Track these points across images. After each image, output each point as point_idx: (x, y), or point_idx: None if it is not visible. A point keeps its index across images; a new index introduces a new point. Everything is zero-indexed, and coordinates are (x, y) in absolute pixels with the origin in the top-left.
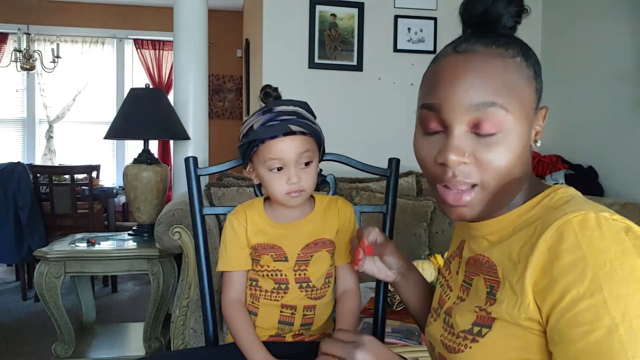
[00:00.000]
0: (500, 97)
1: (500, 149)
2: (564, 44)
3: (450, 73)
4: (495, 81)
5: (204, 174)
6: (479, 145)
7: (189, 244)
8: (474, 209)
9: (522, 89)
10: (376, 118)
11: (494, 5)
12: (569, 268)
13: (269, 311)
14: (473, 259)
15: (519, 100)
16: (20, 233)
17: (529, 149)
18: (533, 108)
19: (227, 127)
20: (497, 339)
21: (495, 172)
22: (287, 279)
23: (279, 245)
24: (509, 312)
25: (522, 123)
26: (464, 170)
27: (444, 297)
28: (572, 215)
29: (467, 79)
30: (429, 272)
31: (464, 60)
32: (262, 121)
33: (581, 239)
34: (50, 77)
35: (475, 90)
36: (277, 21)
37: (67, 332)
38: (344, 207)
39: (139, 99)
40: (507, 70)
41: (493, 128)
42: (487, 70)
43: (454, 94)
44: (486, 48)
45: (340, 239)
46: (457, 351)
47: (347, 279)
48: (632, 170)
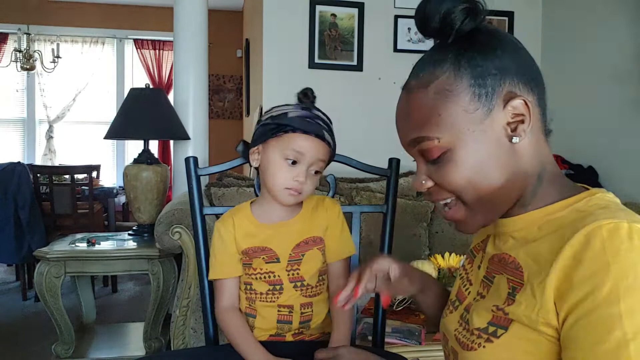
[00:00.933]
0: (425, 129)
1: (452, 167)
2: (564, 44)
3: (396, 113)
4: (417, 117)
5: (204, 174)
6: (434, 170)
7: (189, 244)
8: (472, 222)
9: (451, 109)
10: (376, 118)
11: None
12: (590, 275)
13: (266, 312)
14: (497, 257)
15: (449, 124)
16: (20, 233)
17: (504, 149)
18: (480, 115)
19: (227, 127)
20: (512, 342)
21: (459, 186)
22: (280, 280)
23: (270, 246)
24: (527, 315)
25: (465, 138)
26: (435, 193)
27: (463, 290)
28: (604, 222)
29: (398, 122)
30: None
31: (402, 98)
32: (300, 114)
33: (608, 247)
34: (50, 77)
35: (405, 129)
36: (277, 21)
37: (67, 332)
38: (332, 205)
39: (139, 99)
40: (429, 100)
41: (431, 156)
42: (413, 106)
43: (398, 133)
44: (416, 80)
45: (329, 236)
46: (470, 348)
47: (339, 277)
48: (632, 170)
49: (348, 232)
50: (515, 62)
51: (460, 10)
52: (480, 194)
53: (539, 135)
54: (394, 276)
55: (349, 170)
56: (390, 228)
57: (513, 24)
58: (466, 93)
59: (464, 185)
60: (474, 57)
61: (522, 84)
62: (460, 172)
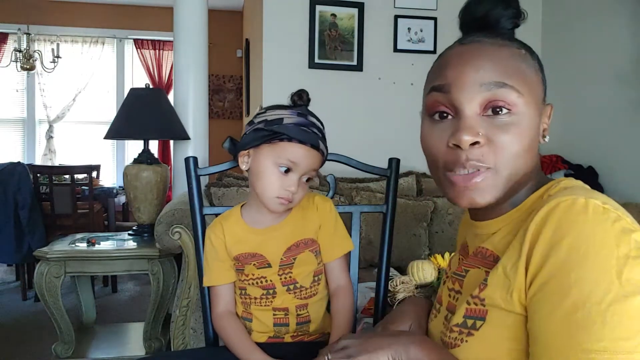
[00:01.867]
0: (512, 79)
1: (513, 131)
2: (564, 44)
3: (459, 58)
4: (505, 64)
5: (204, 174)
6: (492, 126)
7: (189, 244)
8: (486, 193)
9: (531, 76)
10: (376, 118)
11: (493, 9)
12: (547, 249)
13: (262, 316)
14: (474, 252)
15: (529, 86)
16: (20, 233)
17: (537, 143)
18: (542, 98)
19: (227, 127)
20: (492, 331)
21: (509, 155)
22: (273, 284)
23: (260, 252)
24: (503, 297)
25: (533, 110)
26: (478, 152)
27: (441, 293)
28: (562, 199)
29: (477, 61)
30: (429, 272)
31: (471, 47)
32: (296, 121)
33: (563, 221)
34: (50, 77)
35: (485, 70)
36: (277, 21)
37: (67, 332)
38: (322, 202)
39: (139, 99)
40: (514, 57)
41: (506, 105)
42: (495, 54)
43: (464, 74)
44: (492, 39)
45: (323, 234)
46: (453, 346)
47: (338, 276)
48: (632, 170)
49: (343, 228)
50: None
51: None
52: (516, 169)
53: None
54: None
55: (349, 170)
56: (390, 228)
57: None
58: (537, 72)
59: (517, 156)
60: (533, 52)
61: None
62: (521, 140)
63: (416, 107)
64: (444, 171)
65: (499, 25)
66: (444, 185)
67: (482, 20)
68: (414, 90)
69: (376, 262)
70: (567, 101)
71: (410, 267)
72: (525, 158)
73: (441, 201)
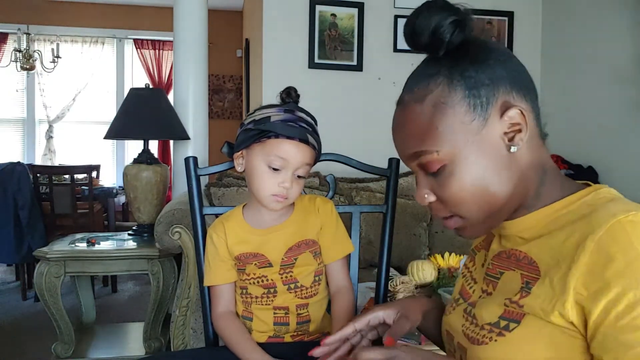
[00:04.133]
0: (424, 144)
1: (452, 180)
2: (564, 44)
3: (393, 127)
4: (414, 131)
5: (204, 174)
6: (435, 184)
7: (189, 244)
8: (472, 231)
9: (448, 124)
10: (376, 118)
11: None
12: (624, 270)
13: (263, 315)
14: (506, 253)
15: (448, 136)
16: (20, 233)
17: (503, 158)
18: (476, 126)
19: (227, 127)
20: (525, 335)
21: (462, 202)
22: (274, 283)
23: (262, 252)
24: (543, 307)
25: (464, 150)
26: (435, 207)
27: (467, 289)
28: (622, 215)
29: (396, 136)
30: (429, 272)
31: (398, 113)
32: (283, 118)
33: (634, 240)
34: (50, 77)
35: (404, 143)
36: (277, 21)
37: (67, 332)
38: (323, 204)
39: (139, 99)
40: (425, 114)
41: (431, 169)
42: (409, 120)
43: (396, 147)
44: (410, 95)
45: (324, 235)
46: (480, 343)
47: (338, 277)
48: (632, 170)
49: (344, 230)
50: (508, 71)
51: (449, 23)
52: (482, 206)
53: (536, 140)
54: (392, 320)
55: (349, 170)
56: (390, 228)
57: (513, 24)
58: (461, 104)
59: (466, 199)
60: (467, 68)
61: (516, 92)
62: (462, 184)
63: None
64: None
65: (444, 40)
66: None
67: (416, 39)
68: None
69: (376, 262)
70: (567, 101)
71: (410, 267)
72: (487, 185)
73: None
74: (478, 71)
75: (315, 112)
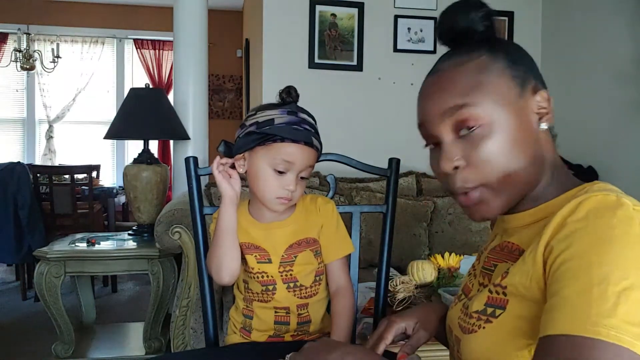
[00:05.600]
0: (467, 96)
1: (487, 142)
2: (564, 44)
3: (423, 94)
4: (458, 86)
5: (203, 174)
6: (467, 146)
7: (189, 243)
8: (490, 205)
9: (492, 82)
10: (376, 118)
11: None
12: (571, 234)
13: (263, 313)
14: (499, 247)
15: (490, 93)
16: (20, 233)
17: (532, 134)
18: (514, 94)
19: (227, 127)
20: (510, 321)
21: (490, 167)
22: (274, 280)
23: (262, 246)
24: (522, 282)
25: (503, 112)
26: (461, 176)
27: (469, 284)
28: (593, 194)
29: (435, 92)
30: (429, 272)
31: (433, 80)
32: (287, 120)
33: (591, 213)
34: (50, 77)
35: (442, 99)
36: (277, 21)
37: (67, 332)
38: (324, 204)
39: (139, 99)
40: (469, 73)
41: (470, 124)
42: (450, 80)
43: (428, 109)
44: (450, 61)
45: (325, 235)
46: (470, 331)
47: (338, 277)
48: (632, 170)
49: (344, 230)
50: (535, 65)
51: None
52: (509, 172)
53: (550, 136)
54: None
55: (349, 170)
56: (390, 228)
57: (513, 24)
58: (504, 72)
59: (501, 163)
60: (507, 49)
61: (541, 85)
62: (499, 147)
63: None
64: (451, 193)
65: (472, 31)
66: (459, 205)
67: (453, 33)
68: (414, 90)
69: (376, 262)
70: (567, 101)
71: (410, 267)
72: (511, 158)
73: (441, 201)
74: (515, 54)
75: (315, 112)
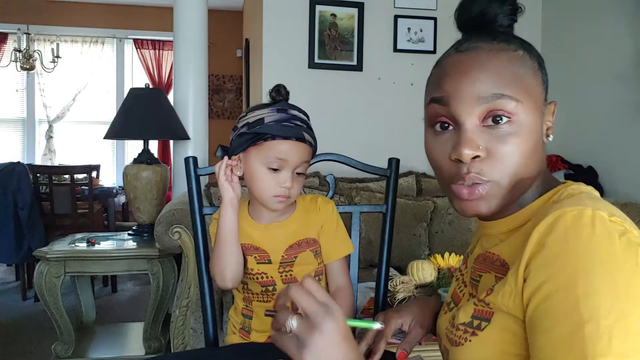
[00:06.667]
0: (509, 88)
1: (513, 140)
2: (564, 44)
3: (455, 69)
4: (501, 73)
5: (203, 174)
6: (492, 137)
7: (189, 243)
8: (490, 203)
9: (529, 80)
10: (376, 118)
11: (489, 6)
12: (551, 259)
13: (262, 313)
14: (482, 256)
15: (527, 91)
16: (20, 233)
17: (542, 144)
18: (542, 99)
19: (227, 127)
20: (495, 333)
21: (510, 166)
22: (273, 281)
23: (262, 247)
24: (504, 302)
25: (533, 115)
26: (479, 166)
27: (458, 292)
28: (568, 209)
29: (473, 73)
30: (429, 272)
31: (467, 57)
32: (276, 118)
33: (569, 233)
34: (50, 77)
35: (482, 82)
36: (277, 21)
37: (67, 332)
38: (324, 204)
39: (139, 99)
40: (511, 63)
41: (505, 118)
42: (491, 63)
43: (462, 87)
44: (488, 44)
45: (324, 235)
46: (457, 344)
47: (338, 277)
48: (632, 170)
49: (344, 230)
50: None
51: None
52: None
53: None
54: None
55: (348, 170)
56: (390, 228)
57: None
58: (536, 73)
59: (519, 165)
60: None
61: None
62: (522, 148)
63: (416, 107)
64: (449, 183)
65: (496, 23)
66: (450, 196)
67: (478, 19)
68: (414, 90)
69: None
70: (567, 101)
71: (410, 267)
72: (528, 164)
73: (441, 201)
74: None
75: (315, 112)
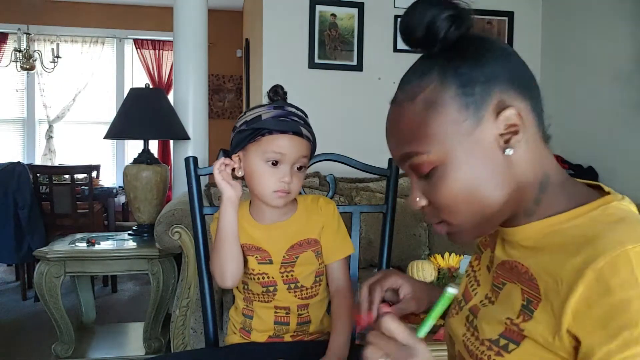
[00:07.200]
0: (413, 144)
1: (444, 183)
2: (564, 44)
3: (386, 127)
4: (405, 131)
5: (203, 174)
6: (428, 187)
7: (189, 243)
8: (463, 236)
9: (440, 119)
10: (376, 118)
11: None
12: (622, 307)
13: (263, 313)
14: (509, 264)
15: (439, 134)
16: (20, 233)
17: (499, 163)
18: (469, 126)
19: (227, 127)
20: (523, 358)
21: (461, 210)
22: (274, 281)
23: (263, 247)
24: (544, 336)
25: (457, 150)
26: (427, 211)
27: (470, 290)
28: (630, 246)
29: (389, 137)
30: (429, 272)
31: (390, 113)
32: (273, 114)
33: (638, 275)
34: (50, 77)
35: (392, 147)
36: (277, 21)
37: (67, 332)
38: (326, 204)
39: (139, 99)
40: (416, 111)
41: (422, 171)
42: (399, 122)
43: (390, 149)
44: (403, 93)
45: (325, 235)
46: (479, 359)
47: (338, 277)
48: (632, 170)
49: (345, 231)
50: (506, 68)
51: (444, 18)
52: (474, 212)
53: (537, 142)
54: (403, 295)
55: (349, 170)
56: (390, 228)
57: (513, 24)
58: (453, 103)
59: (458, 203)
60: (460, 65)
61: (514, 91)
62: (453, 188)
63: None
64: None
65: (439, 34)
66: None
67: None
68: None
69: (376, 262)
70: (567, 101)
71: (410, 267)
72: (485, 195)
73: None
74: (472, 68)
75: (315, 112)
